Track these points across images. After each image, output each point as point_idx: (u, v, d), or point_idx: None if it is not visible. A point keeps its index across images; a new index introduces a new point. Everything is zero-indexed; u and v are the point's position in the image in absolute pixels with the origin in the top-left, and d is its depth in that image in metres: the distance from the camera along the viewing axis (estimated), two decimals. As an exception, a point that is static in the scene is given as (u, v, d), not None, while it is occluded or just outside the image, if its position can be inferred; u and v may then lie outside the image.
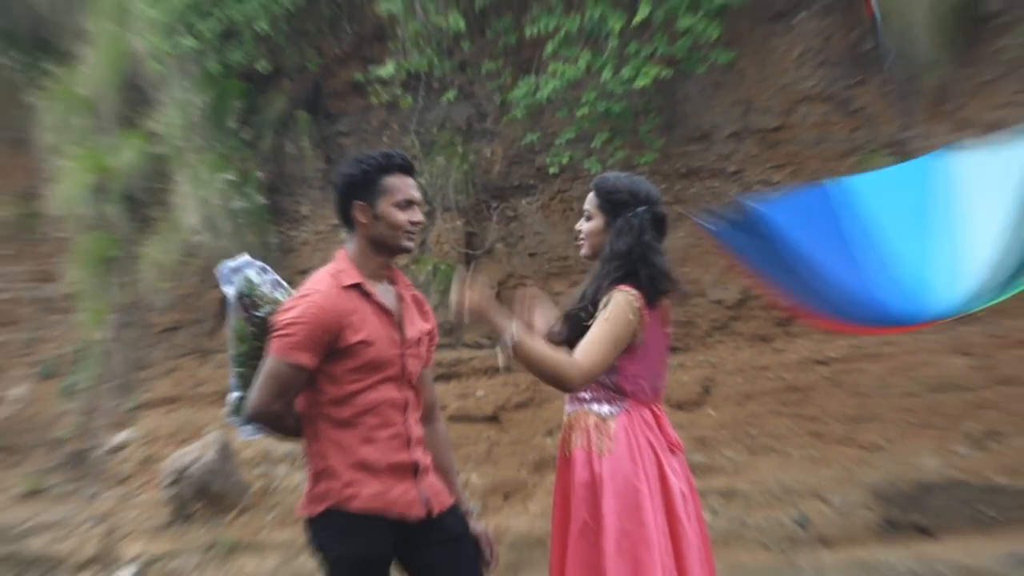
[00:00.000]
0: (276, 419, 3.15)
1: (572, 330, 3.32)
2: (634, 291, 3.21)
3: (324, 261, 3.34)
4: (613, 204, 3.35)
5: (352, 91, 8.03)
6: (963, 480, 5.90)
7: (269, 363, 3.08)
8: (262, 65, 7.81)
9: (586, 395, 3.31)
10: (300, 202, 8.30)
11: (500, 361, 3.16)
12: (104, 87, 8.43)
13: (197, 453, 7.31)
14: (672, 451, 3.31)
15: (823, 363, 6.55)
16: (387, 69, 7.51)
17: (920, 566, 5.54)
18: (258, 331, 3.22)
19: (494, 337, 3.10)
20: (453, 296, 3.13)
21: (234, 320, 3.29)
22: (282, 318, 3.09)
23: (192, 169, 7.93)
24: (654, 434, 3.27)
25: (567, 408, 3.40)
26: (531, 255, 7.65)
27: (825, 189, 3.61)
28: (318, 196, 8.16)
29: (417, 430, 3.24)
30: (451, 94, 7.59)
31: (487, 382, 7.42)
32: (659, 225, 3.36)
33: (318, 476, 3.16)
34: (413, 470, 3.18)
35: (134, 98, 8.38)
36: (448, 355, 7.43)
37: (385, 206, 3.17)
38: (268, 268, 3.35)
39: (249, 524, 7.13)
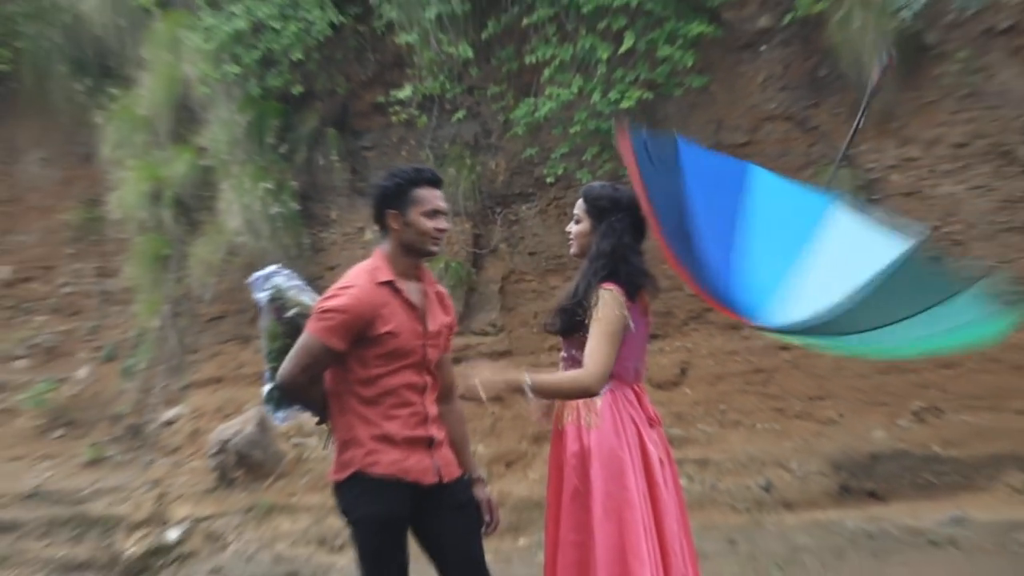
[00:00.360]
0: (301, 390, 3.17)
1: (565, 322, 3.32)
2: (617, 288, 3.21)
3: (351, 259, 3.34)
4: (598, 210, 3.35)
5: (375, 111, 8.01)
6: (908, 450, 5.90)
7: (304, 338, 3.09)
8: (296, 89, 7.80)
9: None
10: (329, 208, 8.27)
11: (533, 416, 3.29)
12: (159, 108, 8.42)
13: (239, 426, 7.30)
14: (651, 425, 3.31)
15: (785, 349, 6.53)
16: (405, 92, 7.50)
17: (871, 526, 5.54)
18: (287, 330, 3.23)
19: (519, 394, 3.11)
20: (464, 390, 3.14)
21: (267, 321, 3.29)
22: (323, 304, 3.10)
23: (235, 179, 7.93)
24: (635, 410, 3.27)
25: (560, 388, 3.38)
26: (530, 254, 7.63)
27: (747, 167, 3.54)
28: (345, 203, 8.14)
29: (433, 409, 3.25)
30: (461, 114, 7.58)
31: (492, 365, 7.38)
32: (638, 228, 3.36)
33: (344, 445, 3.17)
34: (428, 443, 3.19)
35: (185, 117, 8.39)
36: (458, 341, 7.34)
37: (415, 215, 3.19)
38: (294, 275, 3.35)
39: (284, 489, 7.12)
